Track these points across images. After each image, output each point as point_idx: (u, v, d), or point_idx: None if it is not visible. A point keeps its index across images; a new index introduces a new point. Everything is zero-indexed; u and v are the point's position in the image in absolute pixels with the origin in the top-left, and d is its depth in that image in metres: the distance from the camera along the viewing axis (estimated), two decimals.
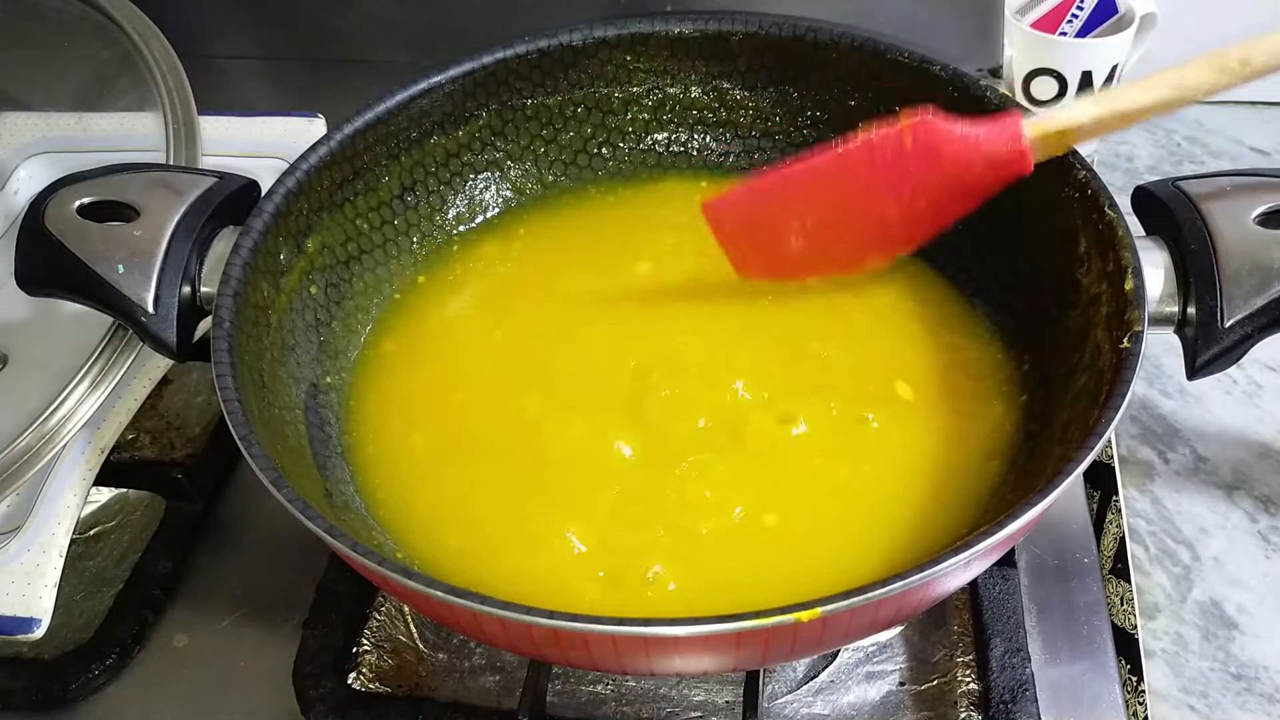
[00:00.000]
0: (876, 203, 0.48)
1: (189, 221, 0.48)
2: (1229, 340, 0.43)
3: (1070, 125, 0.45)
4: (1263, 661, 0.50)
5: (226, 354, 0.44)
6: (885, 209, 0.48)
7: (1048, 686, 0.49)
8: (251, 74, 0.89)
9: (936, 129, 0.46)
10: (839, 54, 0.56)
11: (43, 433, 0.51)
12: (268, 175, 0.51)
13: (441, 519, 0.48)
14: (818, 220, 0.50)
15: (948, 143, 0.46)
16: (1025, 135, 0.45)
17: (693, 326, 0.54)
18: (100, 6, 0.61)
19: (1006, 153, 0.45)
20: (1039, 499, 0.38)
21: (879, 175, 0.47)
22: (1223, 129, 0.79)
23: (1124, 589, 0.53)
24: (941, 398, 0.51)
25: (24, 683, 0.52)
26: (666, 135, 0.62)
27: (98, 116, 0.65)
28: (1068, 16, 0.73)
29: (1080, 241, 0.48)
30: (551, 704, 0.50)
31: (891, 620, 0.45)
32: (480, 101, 0.58)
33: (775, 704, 0.50)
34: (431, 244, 0.59)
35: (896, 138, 0.47)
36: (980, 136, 0.46)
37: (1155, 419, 0.61)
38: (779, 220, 0.50)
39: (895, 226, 0.49)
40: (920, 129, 0.46)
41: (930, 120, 0.46)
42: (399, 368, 0.54)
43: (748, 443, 0.49)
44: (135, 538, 0.59)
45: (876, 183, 0.48)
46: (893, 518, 0.47)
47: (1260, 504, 0.56)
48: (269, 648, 0.53)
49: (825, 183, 0.49)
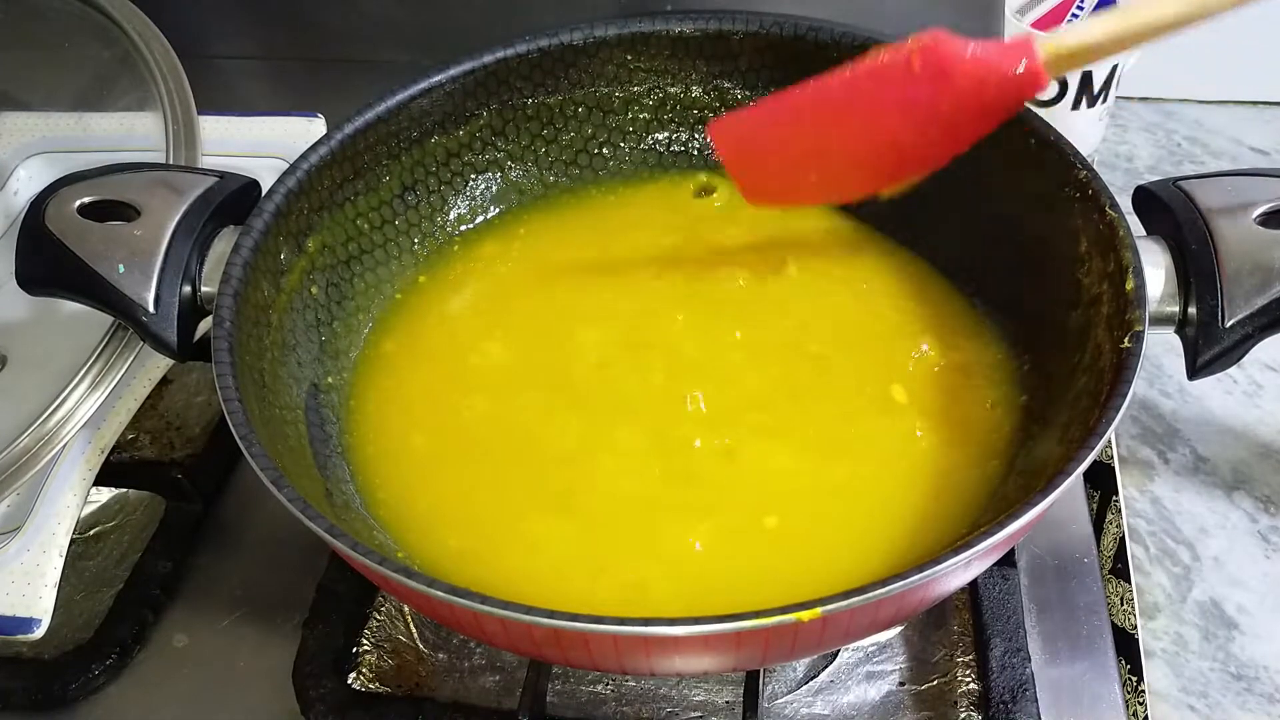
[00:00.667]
0: (887, 127, 0.46)
1: (189, 221, 0.48)
2: (1230, 340, 0.43)
3: (1084, 43, 0.43)
4: (1263, 661, 0.50)
5: (227, 354, 0.44)
6: (897, 133, 0.46)
7: (1048, 686, 0.49)
8: (251, 74, 0.89)
9: (946, 50, 0.44)
10: (840, 54, 0.56)
11: (43, 433, 0.51)
12: (268, 175, 0.51)
13: (441, 519, 0.48)
14: (827, 145, 0.48)
15: (958, 63, 0.44)
16: (1039, 53, 0.43)
17: (693, 326, 0.54)
18: (100, 6, 0.61)
19: (1020, 72, 0.43)
20: (1039, 499, 0.38)
21: (888, 99, 0.46)
22: (1223, 129, 0.79)
23: (1124, 589, 0.53)
24: (941, 398, 0.51)
25: (24, 683, 0.52)
26: (667, 135, 0.62)
27: (98, 116, 0.65)
28: (1068, 16, 0.73)
29: (1081, 241, 0.48)
30: (551, 704, 0.50)
31: (891, 620, 0.45)
32: (481, 101, 0.58)
33: (775, 704, 0.50)
34: (432, 244, 0.59)
35: (905, 61, 0.45)
36: (992, 55, 0.43)
37: (1155, 419, 0.61)
38: (787, 144, 0.49)
39: (909, 150, 0.47)
40: (929, 51, 0.44)
41: (939, 41, 0.44)
42: (399, 367, 0.54)
43: (748, 443, 0.49)
44: (135, 538, 0.59)
45: (886, 106, 0.46)
46: (893, 518, 0.47)
47: (1260, 504, 0.56)
48: (269, 648, 0.53)
49: (832, 107, 0.47)
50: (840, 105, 0.47)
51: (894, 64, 0.45)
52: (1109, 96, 0.73)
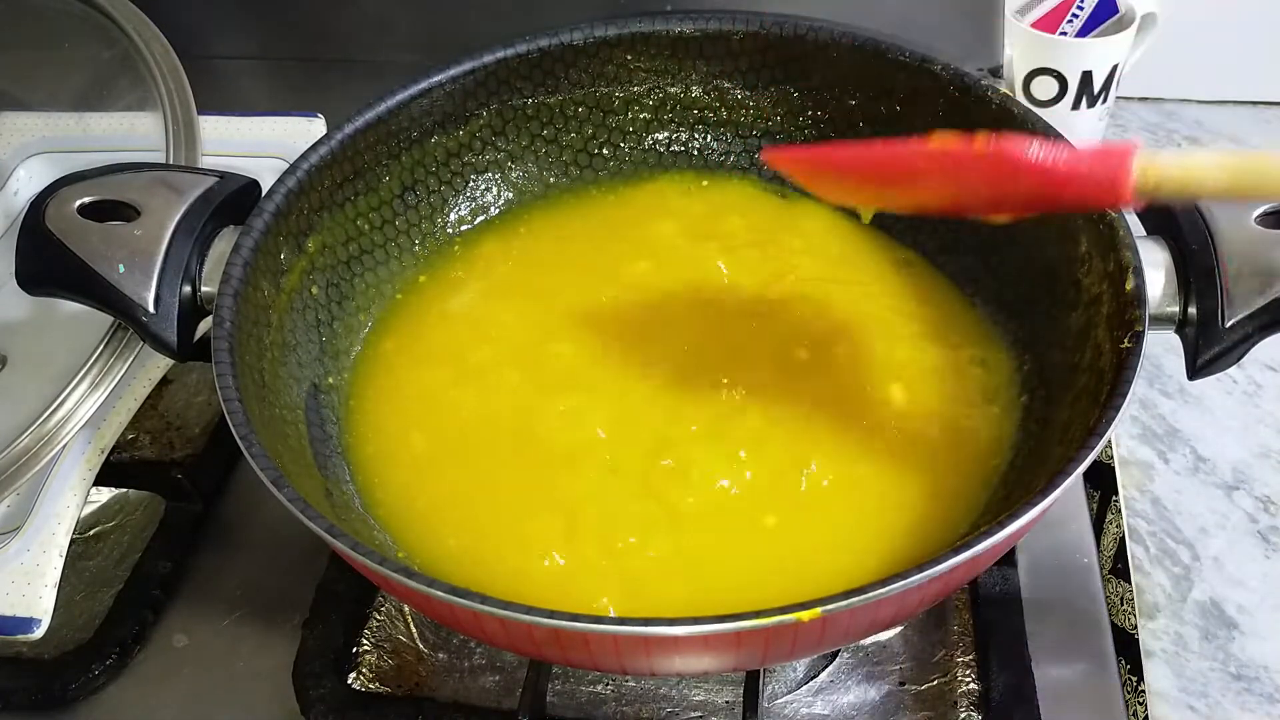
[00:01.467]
0: (950, 196, 0.43)
1: (190, 221, 0.48)
2: (1230, 340, 0.43)
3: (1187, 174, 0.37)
4: (1262, 661, 0.50)
5: (227, 354, 0.44)
6: (962, 203, 0.43)
7: (1048, 686, 0.49)
8: (251, 74, 0.89)
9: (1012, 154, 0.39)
10: (840, 54, 0.56)
11: (43, 433, 0.51)
12: (268, 175, 0.51)
13: (441, 518, 0.48)
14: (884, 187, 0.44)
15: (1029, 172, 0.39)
16: (1132, 175, 0.37)
17: (692, 326, 0.54)
18: (100, 6, 0.61)
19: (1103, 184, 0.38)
20: (1039, 499, 0.38)
21: (954, 176, 0.41)
22: (1223, 129, 0.79)
23: (1124, 589, 0.53)
24: (942, 398, 0.51)
25: (24, 683, 0.52)
26: (667, 135, 0.62)
27: (98, 116, 0.65)
28: (1068, 16, 0.73)
29: (1081, 241, 0.48)
30: (551, 704, 0.50)
31: (891, 620, 0.45)
32: (481, 101, 0.58)
33: (775, 704, 0.50)
34: (432, 244, 0.59)
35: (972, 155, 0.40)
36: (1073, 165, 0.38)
37: (1155, 419, 0.61)
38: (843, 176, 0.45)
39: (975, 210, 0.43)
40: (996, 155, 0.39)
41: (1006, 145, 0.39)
42: (400, 367, 0.54)
43: (748, 443, 0.49)
44: (135, 538, 0.59)
45: (947, 185, 0.42)
46: (892, 518, 0.47)
47: (1260, 504, 0.56)
48: (269, 648, 0.53)
49: (895, 164, 0.43)
50: (899, 170, 0.43)
51: (963, 153, 0.40)
52: (1109, 96, 0.73)
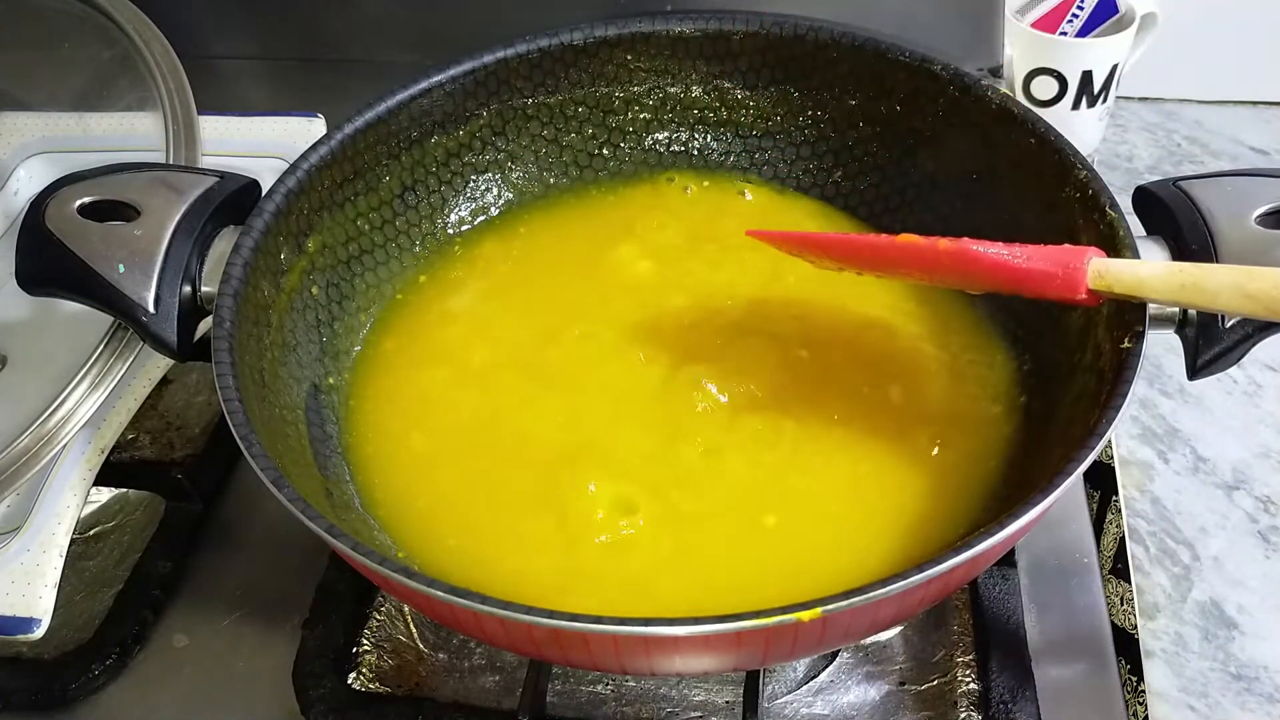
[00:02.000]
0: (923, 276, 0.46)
1: (190, 221, 0.48)
2: (1229, 340, 0.43)
3: (1138, 281, 0.40)
4: (1262, 661, 0.50)
5: (227, 354, 0.44)
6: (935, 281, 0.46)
7: (1048, 686, 0.49)
8: (251, 74, 0.89)
9: (972, 255, 0.43)
10: (840, 54, 0.56)
11: (42, 433, 0.51)
12: (268, 175, 0.51)
13: (441, 518, 0.48)
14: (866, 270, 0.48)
15: (990, 270, 0.42)
16: (1087, 278, 0.41)
17: (692, 326, 0.54)
18: (100, 6, 0.60)
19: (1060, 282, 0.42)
20: (1039, 499, 0.38)
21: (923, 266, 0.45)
22: (1223, 129, 0.79)
23: (1124, 589, 0.53)
24: (941, 398, 0.51)
25: (24, 683, 0.52)
26: (667, 135, 0.62)
27: (98, 116, 0.65)
28: (1068, 16, 0.73)
29: (1081, 241, 0.48)
30: (551, 704, 0.50)
31: (892, 620, 0.45)
32: (481, 101, 0.58)
33: (775, 704, 0.50)
34: (432, 244, 0.59)
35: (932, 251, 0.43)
36: (1030, 267, 0.42)
37: (1155, 419, 0.61)
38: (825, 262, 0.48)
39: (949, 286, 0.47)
40: (955, 254, 0.43)
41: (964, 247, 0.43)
42: (400, 367, 0.54)
43: (747, 443, 0.49)
44: (135, 538, 0.59)
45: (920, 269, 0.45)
46: (892, 518, 0.47)
47: (1260, 504, 0.56)
48: (269, 648, 0.53)
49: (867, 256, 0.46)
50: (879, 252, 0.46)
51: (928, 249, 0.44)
52: (1109, 96, 0.73)
